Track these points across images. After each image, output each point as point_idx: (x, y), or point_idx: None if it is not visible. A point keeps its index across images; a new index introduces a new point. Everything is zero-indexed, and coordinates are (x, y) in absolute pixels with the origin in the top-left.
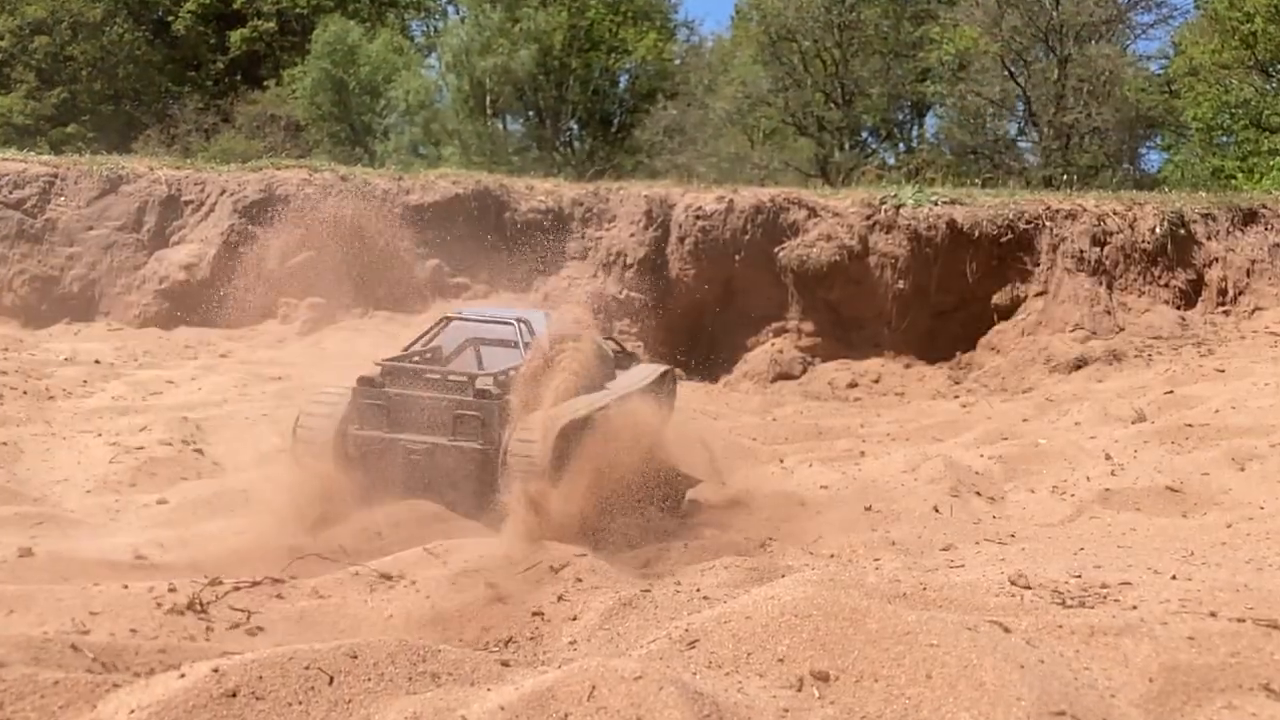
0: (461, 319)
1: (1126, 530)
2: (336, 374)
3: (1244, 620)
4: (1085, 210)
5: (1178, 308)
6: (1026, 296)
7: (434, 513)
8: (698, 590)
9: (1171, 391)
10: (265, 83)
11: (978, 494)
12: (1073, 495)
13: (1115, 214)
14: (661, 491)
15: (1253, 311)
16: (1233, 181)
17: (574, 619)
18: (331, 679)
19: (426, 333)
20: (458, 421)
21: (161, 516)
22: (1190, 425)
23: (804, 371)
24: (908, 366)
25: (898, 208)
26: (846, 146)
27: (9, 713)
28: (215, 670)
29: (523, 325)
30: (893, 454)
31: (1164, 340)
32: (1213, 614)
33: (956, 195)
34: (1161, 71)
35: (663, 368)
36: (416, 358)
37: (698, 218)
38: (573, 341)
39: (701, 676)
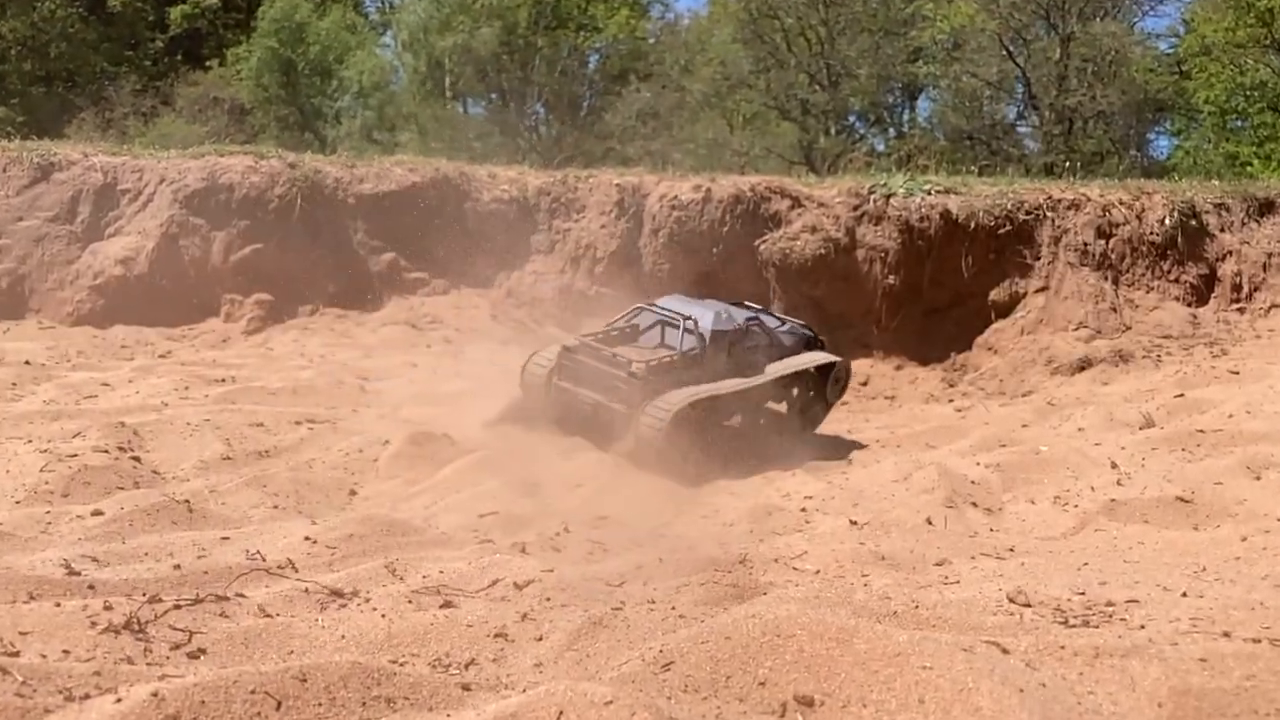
0: (650, 309)
1: (1134, 544)
2: (283, 377)
3: (1260, 641)
4: (1089, 200)
5: (1189, 305)
6: (1026, 293)
7: (389, 523)
8: (673, 608)
9: (1182, 395)
10: (208, 63)
11: (974, 505)
12: (1076, 506)
13: (1121, 204)
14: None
15: (1269, 309)
16: (1248, 169)
17: (540, 639)
18: (279, 704)
19: (623, 315)
20: (613, 390)
21: (96, 529)
22: (1202, 431)
23: None
24: (899, 368)
25: (888, 197)
26: (832, 132)
27: None
28: (154, 694)
29: (689, 321)
30: (882, 462)
31: (1174, 340)
32: (1226, 634)
33: (951, 184)
34: (1171, 51)
35: (829, 359)
36: (603, 336)
37: (673, 208)
38: (729, 337)
39: (677, 701)
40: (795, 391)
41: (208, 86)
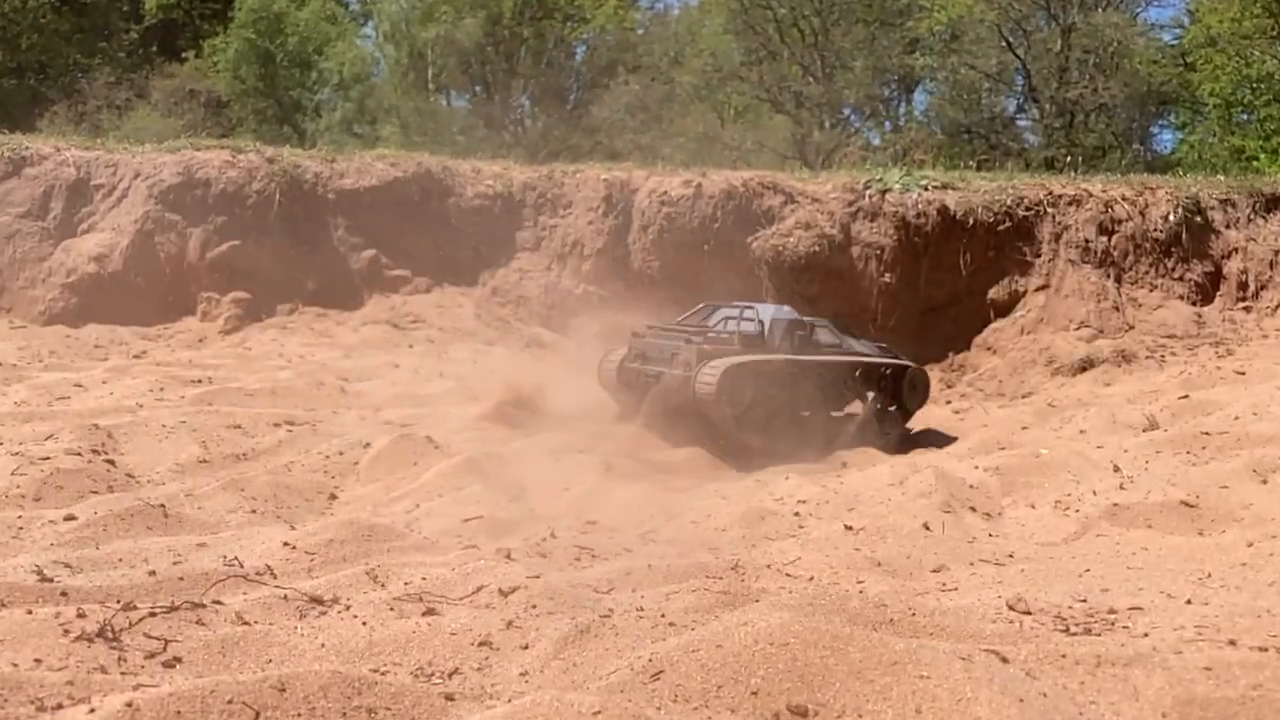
0: (716, 305)
1: (1137, 550)
2: (261, 377)
3: (1266, 649)
4: (1091, 195)
5: (1193, 303)
6: (1026, 291)
7: (370, 528)
8: (663, 616)
9: (1186, 396)
10: (184, 54)
11: (972, 509)
12: (1077, 511)
13: (1124, 200)
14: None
15: (1276, 308)
16: (1254, 164)
17: (526, 647)
18: (257, 714)
19: (695, 311)
20: (674, 358)
21: (69, 534)
22: (1207, 433)
23: None
24: None
25: (883, 193)
26: (827, 125)
27: None
28: (129, 705)
29: (749, 310)
30: (878, 465)
31: (1178, 339)
32: (1232, 642)
33: (949, 179)
34: (1176, 42)
35: (900, 362)
36: (670, 325)
37: (662, 204)
38: (789, 325)
39: (667, 712)
40: (871, 395)
41: (184, 79)
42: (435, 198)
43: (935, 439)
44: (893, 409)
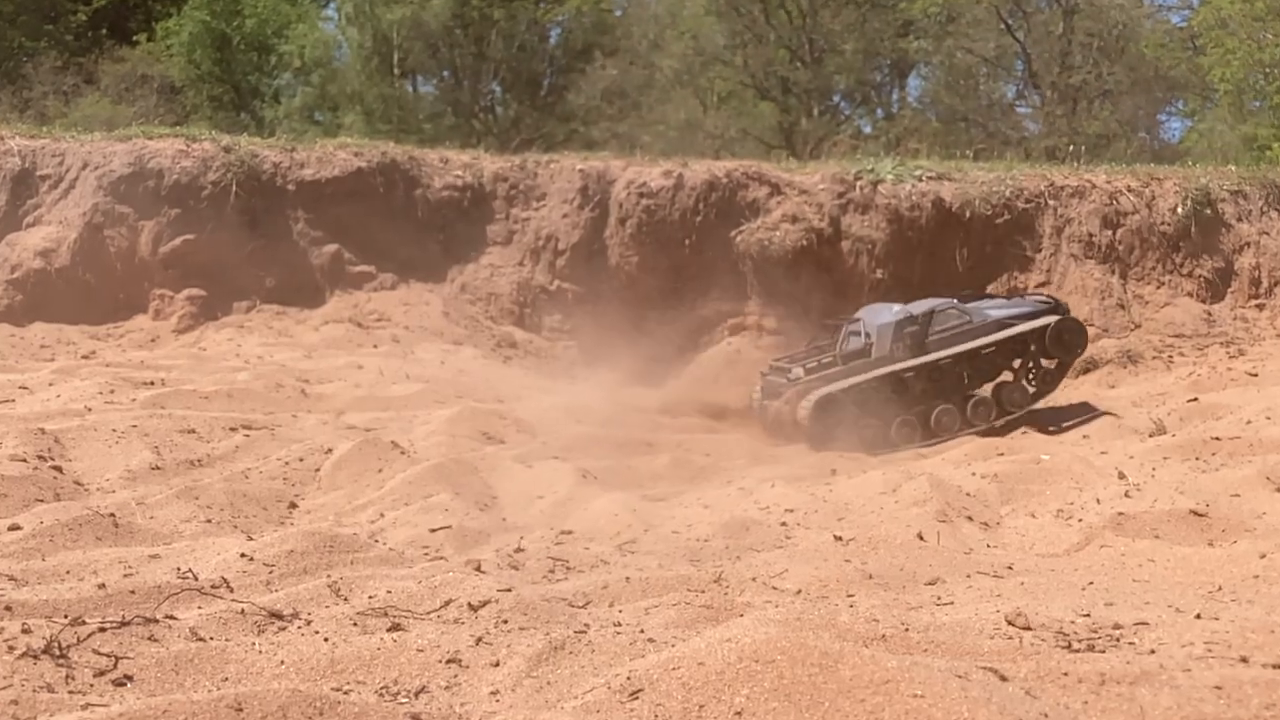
0: (841, 321)
1: (1143, 561)
2: (217, 379)
3: None
4: (1095, 187)
5: (1203, 301)
6: (1026, 288)
7: (332, 538)
8: (642, 631)
9: (1196, 399)
10: (135, 37)
11: (969, 519)
12: (1080, 520)
13: (1130, 191)
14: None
15: None
16: (1267, 153)
17: (496, 665)
18: None
19: (848, 320)
20: (781, 394)
21: (13, 545)
22: (1218, 438)
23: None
24: None
25: (875, 184)
26: (815, 112)
27: None
28: None
29: (853, 325)
30: (869, 472)
31: (1187, 339)
32: (1244, 659)
33: (944, 169)
34: (1184, 24)
35: (1034, 324)
36: (800, 353)
37: (641, 196)
38: (899, 328)
39: None
40: (1018, 361)
41: (135, 63)
42: (401, 189)
43: (930, 444)
44: (1044, 367)
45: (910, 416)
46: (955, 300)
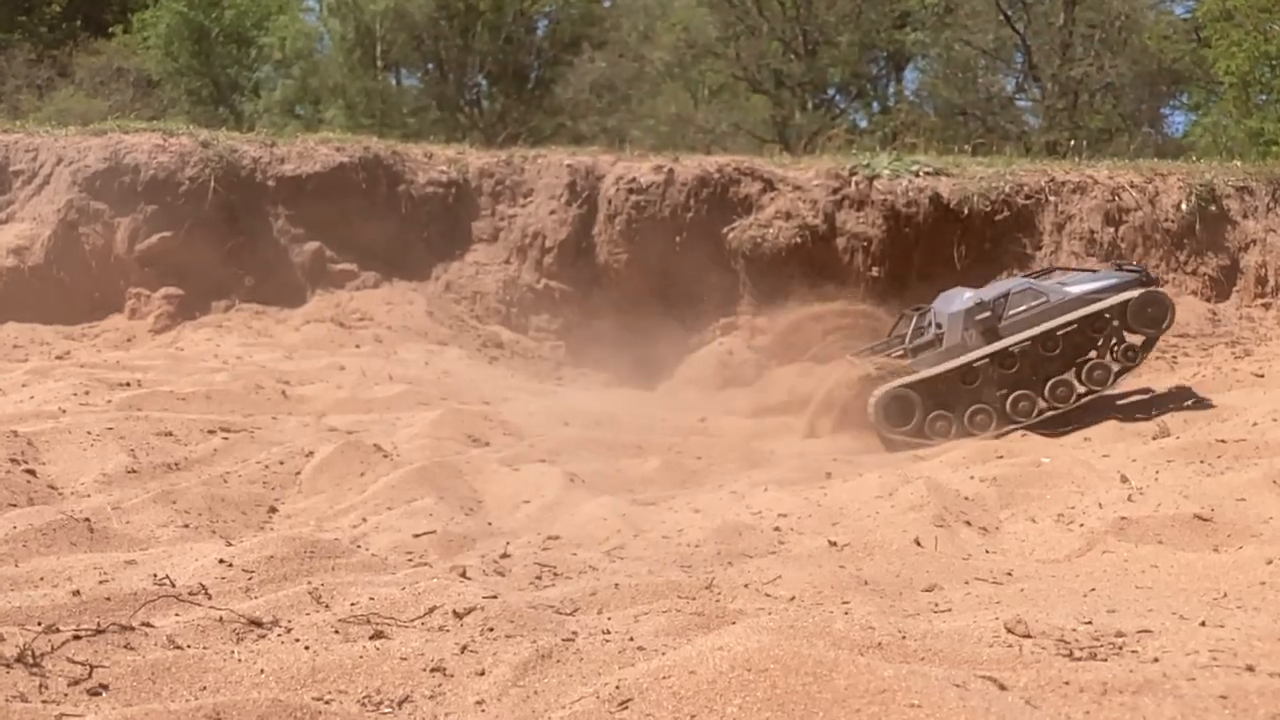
0: (916, 309)
1: (1146, 567)
2: (195, 380)
3: None
4: (1096, 182)
5: (1208, 300)
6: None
7: (313, 544)
8: (631, 639)
9: (1200, 400)
10: (110, 29)
11: (967, 523)
12: (1081, 525)
13: (1132, 187)
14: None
15: None
16: (1274, 148)
17: (482, 674)
18: None
19: (900, 319)
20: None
21: None
22: (1223, 441)
23: (758, 376)
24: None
25: (871, 180)
26: (809, 106)
27: None
28: None
29: (924, 315)
30: (865, 476)
31: (1191, 339)
32: (1250, 668)
33: (942, 164)
34: (1188, 15)
35: (1110, 301)
36: (881, 344)
37: (631, 192)
38: (970, 314)
39: None
40: (1100, 339)
41: (111, 56)
42: (384, 185)
43: (927, 447)
44: (1127, 342)
45: (985, 405)
46: (1032, 279)
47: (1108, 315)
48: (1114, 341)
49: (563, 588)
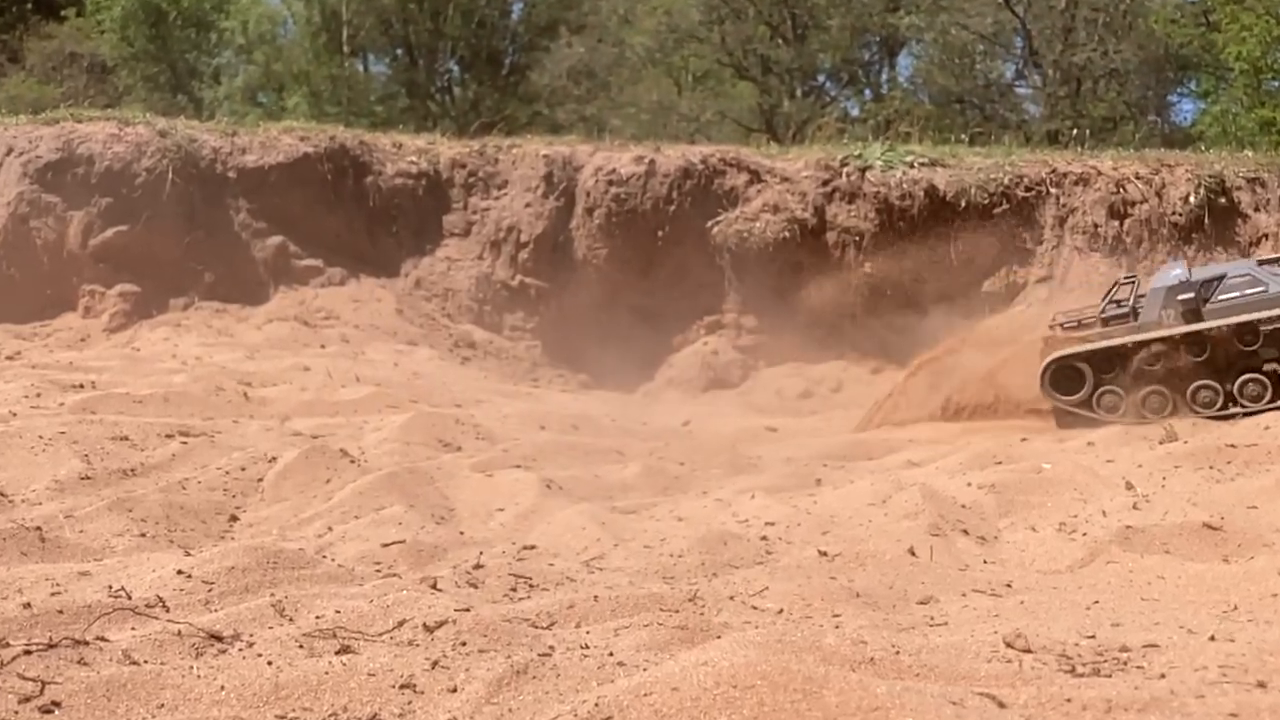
0: (1132, 277)
1: (1152, 579)
2: (152, 382)
3: None
4: (1100, 174)
5: None
6: (1027, 283)
7: (276, 554)
8: (610, 654)
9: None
10: (63, 13)
11: (965, 532)
12: (1084, 534)
13: (1138, 178)
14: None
15: None
16: None
17: (454, 690)
18: None
19: (1115, 285)
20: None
21: None
22: (1233, 446)
23: (744, 378)
24: (875, 371)
25: (863, 171)
26: (798, 93)
27: None
28: None
29: (1122, 287)
30: (857, 482)
31: None
32: (1261, 684)
33: (938, 155)
34: None
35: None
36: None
37: (610, 183)
38: (1171, 293)
39: None
40: None
41: (63, 40)
42: (351, 177)
43: (921, 452)
44: None
45: (1163, 389)
46: (1254, 265)
47: None
48: None
49: (539, 600)
